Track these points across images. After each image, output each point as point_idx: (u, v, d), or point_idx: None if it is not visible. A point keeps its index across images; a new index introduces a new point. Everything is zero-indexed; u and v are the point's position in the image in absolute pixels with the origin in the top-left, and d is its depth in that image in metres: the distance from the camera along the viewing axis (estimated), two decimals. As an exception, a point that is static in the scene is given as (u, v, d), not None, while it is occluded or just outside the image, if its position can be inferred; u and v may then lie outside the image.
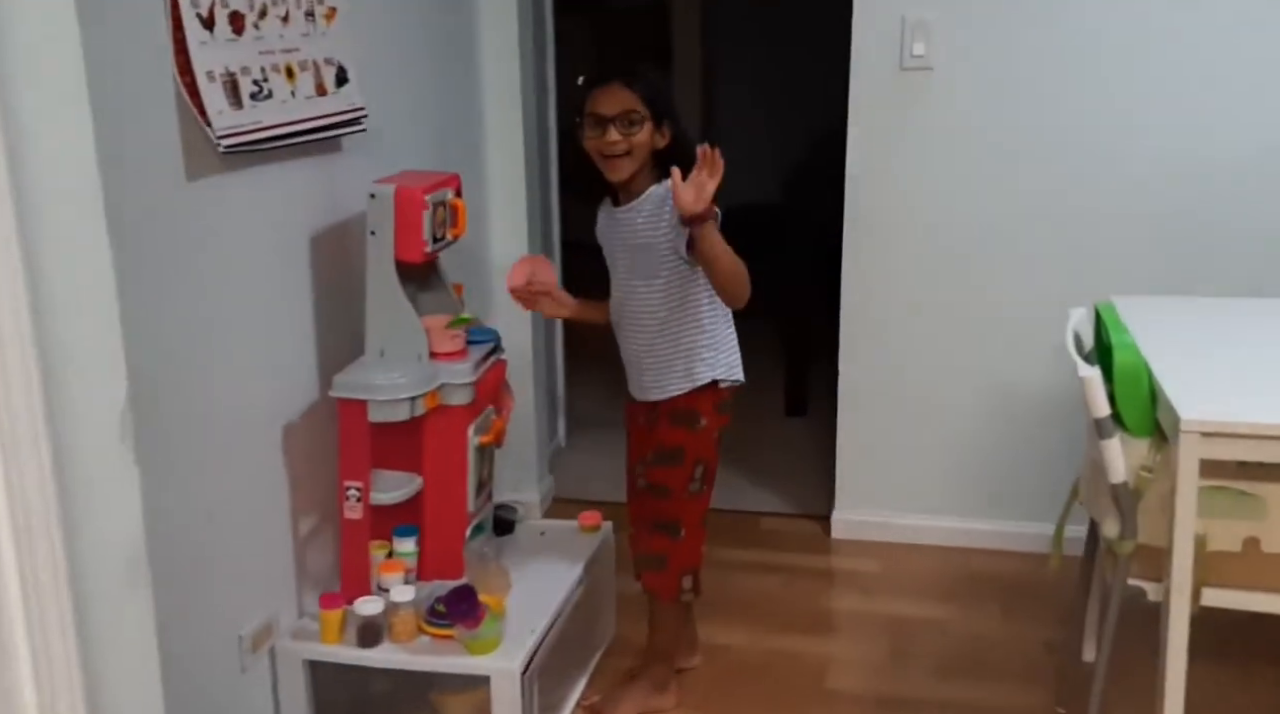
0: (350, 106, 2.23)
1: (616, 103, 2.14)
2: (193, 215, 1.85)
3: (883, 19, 2.85)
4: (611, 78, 2.16)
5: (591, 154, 2.20)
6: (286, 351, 2.16)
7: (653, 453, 2.33)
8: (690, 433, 2.31)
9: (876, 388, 3.12)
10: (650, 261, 2.22)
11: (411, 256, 2.17)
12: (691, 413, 2.31)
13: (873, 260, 3.02)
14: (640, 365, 2.32)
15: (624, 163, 2.17)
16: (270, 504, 2.14)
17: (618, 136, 2.13)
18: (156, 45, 1.75)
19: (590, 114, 2.16)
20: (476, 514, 2.36)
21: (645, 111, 2.15)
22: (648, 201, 2.21)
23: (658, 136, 2.18)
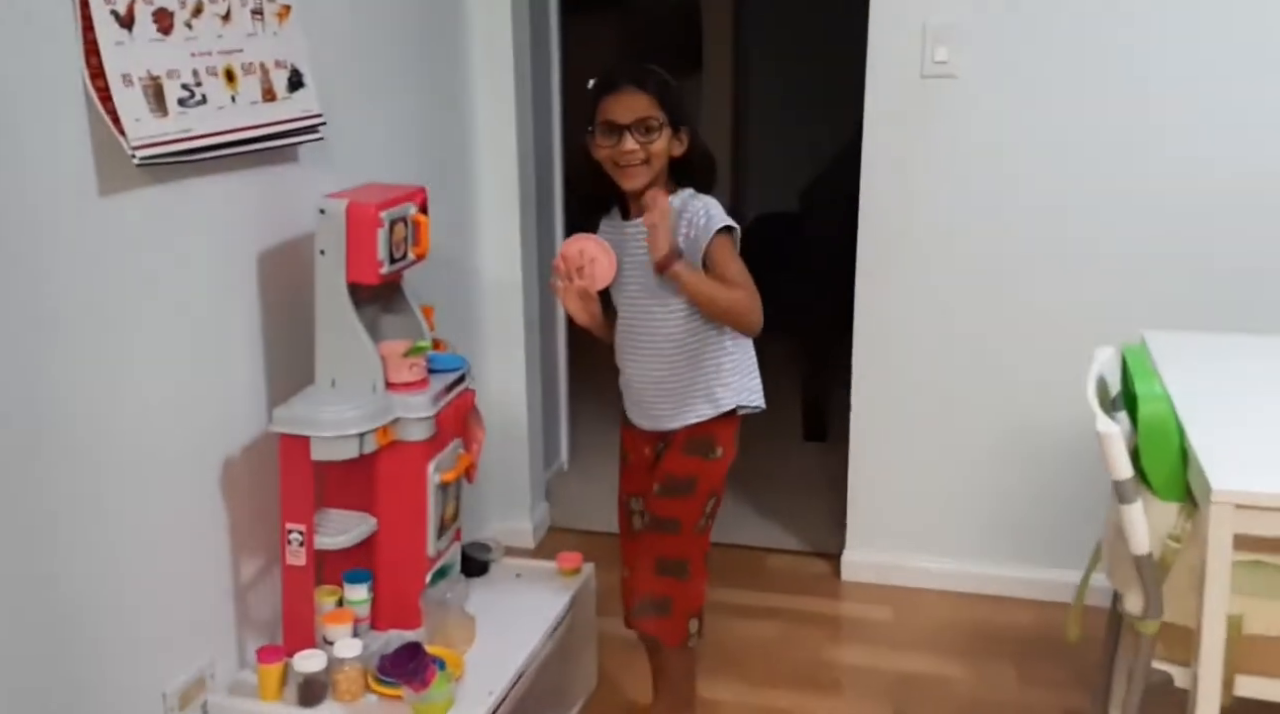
0: (304, 113, 2.05)
1: (632, 108, 1.98)
2: (107, 233, 1.68)
3: (903, 22, 2.62)
4: (625, 82, 2.00)
5: (604, 164, 2.03)
6: (227, 380, 1.98)
7: (660, 484, 2.13)
8: (705, 462, 2.13)
9: (891, 419, 2.89)
10: (667, 280, 2.02)
11: (365, 278, 1.98)
12: (708, 441, 2.12)
13: (888, 282, 2.79)
14: (654, 393, 2.13)
15: (641, 171, 2.00)
16: (206, 545, 1.96)
17: (634, 144, 1.97)
18: (64, 46, 1.58)
19: (603, 121, 2.00)
20: (439, 557, 2.17)
21: (662, 117, 1.99)
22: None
23: (675, 143, 2.03)
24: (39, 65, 1.55)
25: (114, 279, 1.71)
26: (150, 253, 1.78)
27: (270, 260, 2.05)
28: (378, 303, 2.19)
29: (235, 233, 1.97)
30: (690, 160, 2.06)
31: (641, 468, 2.21)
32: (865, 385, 2.89)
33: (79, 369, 1.66)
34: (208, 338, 1.93)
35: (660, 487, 2.13)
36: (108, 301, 1.70)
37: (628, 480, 2.26)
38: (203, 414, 1.93)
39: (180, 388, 1.87)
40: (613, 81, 2.01)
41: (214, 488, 1.96)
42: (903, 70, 2.64)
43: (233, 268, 1.98)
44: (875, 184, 2.73)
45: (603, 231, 2.15)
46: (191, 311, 1.88)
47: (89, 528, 1.71)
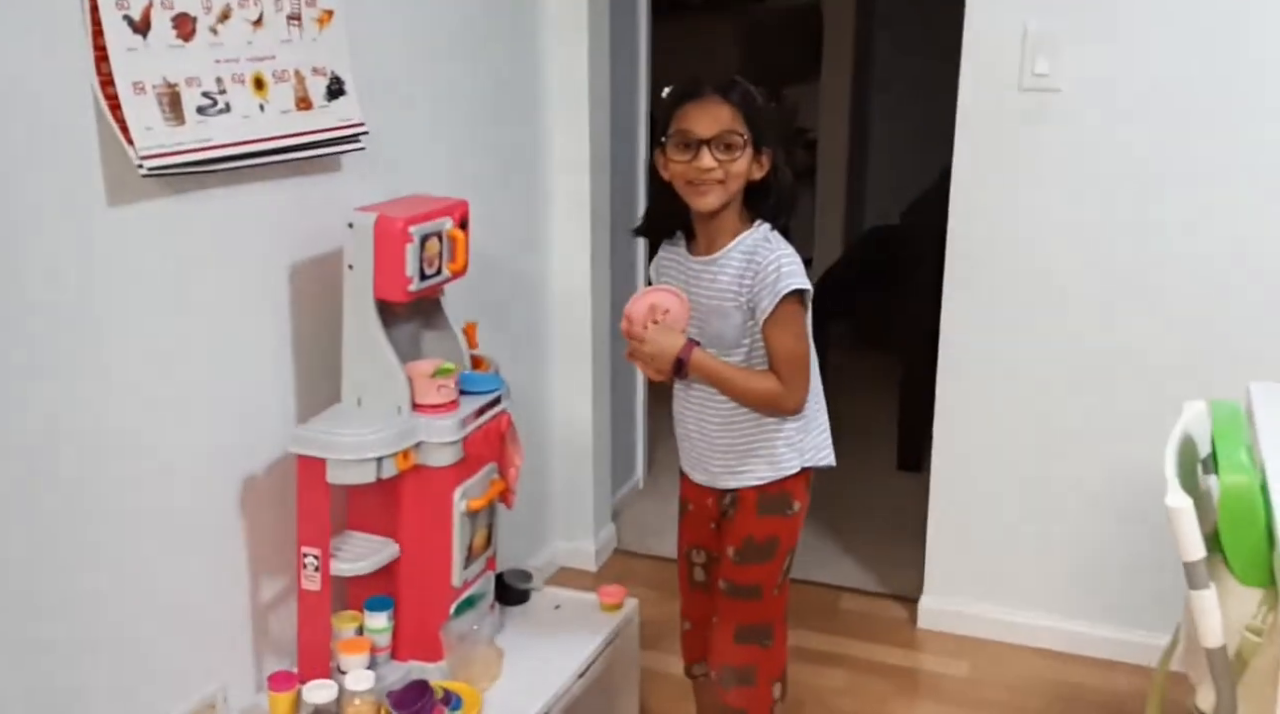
0: (343, 122, 1.98)
1: (714, 121, 1.79)
2: (116, 244, 1.63)
3: (1000, 29, 2.41)
4: (707, 90, 1.82)
5: (675, 181, 1.85)
6: (253, 396, 1.93)
7: (736, 549, 1.96)
8: (784, 520, 1.97)
9: (977, 456, 2.68)
10: (730, 328, 1.87)
11: (392, 295, 1.90)
12: (783, 497, 1.96)
13: (976, 310, 2.59)
14: (709, 447, 1.96)
15: (716, 192, 1.82)
16: (225, 565, 1.91)
17: (712, 161, 1.78)
18: (73, 52, 1.54)
19: (678, 132, 1.81)
20: (466, 587, 2.07)
21: (746, 134, 1.80)
22: (735, 253, 1.86)
23: (755, 165, 1.83)
24: (48, 73, 1.51)
25: (126, 291, 1.66)
26: (167, 264, 1.73)
27: (305, 273, 1.99)
28: (417, 319, 2.11)
29: (266, 244, 1.92)
30: (769, 187, 1.86)
31: (704, 519, 2.04)
32: (949, 418, 2.69)
33: (92, 381, 1.62)
34: (232, 351, 1.87)
35: (736, 552, 1.96)
36: (121, 313, 1.66)
37: (688, 531, 2.09)
38: (225, 430, 1.87)
39: (201, 402, 1.82)
40: (693, 89, 1.82)
41: (234, 506, 1.91)
42: (998, 82, 2.43)
43: (263, 280, 1.92)
44: (964, 207, 2.53)
45: (663, 261, 1.98)
46: (215, 324, 1.83)
47: (102, 544, 1.67)
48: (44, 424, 1.56)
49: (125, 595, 1.73)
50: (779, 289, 1.80)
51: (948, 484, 2.73)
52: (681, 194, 1.85)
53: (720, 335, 1.88)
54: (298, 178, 1.96)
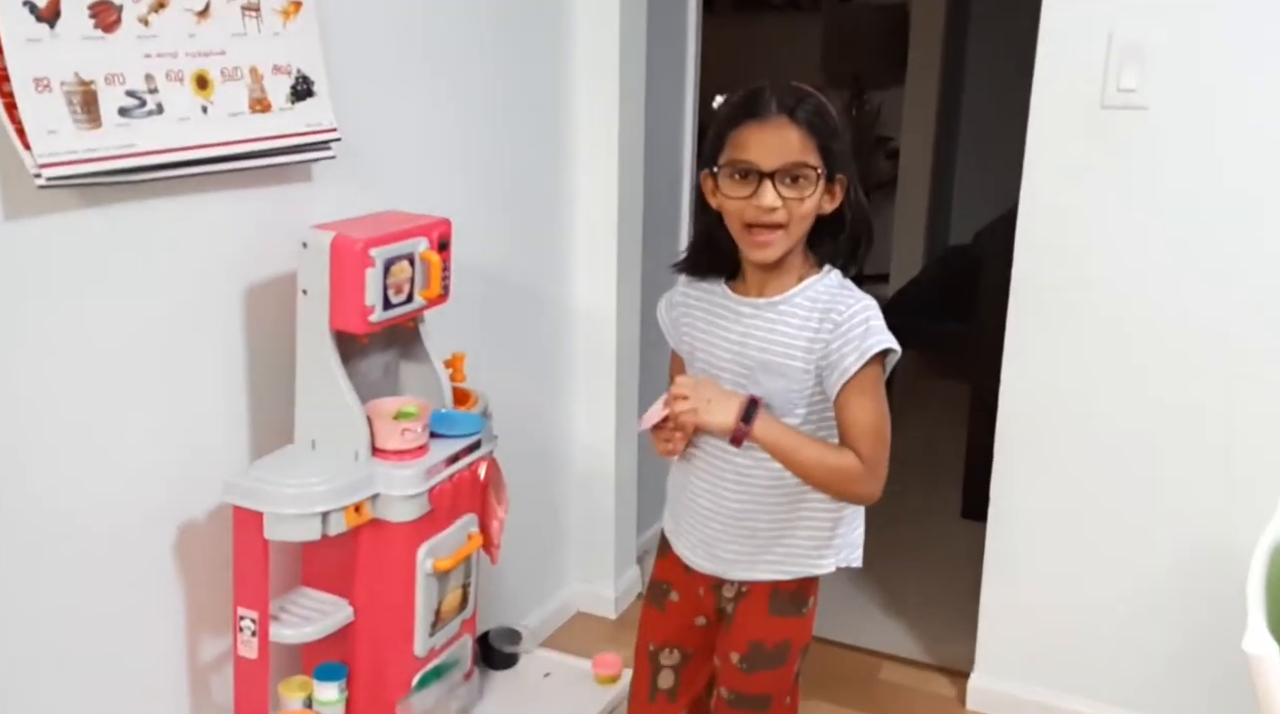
0: (310, 127, 1.75)
1: (781, 149, 1.44)
2: (15, 266, 1.42)
3: (1081, 36, 2.08)
4: (772, 109, 1.45)
5: (729, 220, 1.50)
6: (194, 434, 1.71)
7: (743, 655, 1.64)
8: (799, 620, 1.66)
9: (1040, 516, 2.35)
10: (784, 389, 1.53)
11: (350, 325, 1.67)
12: (799, 595, 1.65)
13: (1044, 350, 2.26)
14: (725, 529, 1.61)
15: (778, 240, 1.48)
16: (158, 622, 1.70)
17: (777, 200, 1.45)
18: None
19: (734, 162, 1.47)
20: (433, 656, 1.84)
21: (820, 165, 1.45)
22: (802, 298, 1.53)
23: (826, 198, 1.49)
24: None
25: (32, 317, 1.45)
26: (86, 286, 1.52)
27: (264, 295, 1.77)
28: (393, 349, 1.88)
29: (215, 263, 1.69)
30: (840, 222, 1.52)
31: (689, 611, 1.71)
32: (1008, 475, 2.36)
33: None
34: (169, 384, 1.66)
35: (743, 659, 1.64)
36: (25, 342, 1.45)
37: (662, 624, 1.73)
38: (159, 472, 1.66)
39: (132, 443, 1.61)
40: (753, 106, 1.45)
41: (171, 557, 1.70)
42: (1076, 98, 2.10)
43: (211, 303, 1.70)
44: (1033, 237, 2.20)
45: (686, 301, 1.64)
46: (146, 353, 1.61)
47: (15, 601, 1.47)
48: None
49: (44, 655, 1.53)
50: (867, 348, 1.47)
51: (1004, 548, 2.40)
52: (734, 236, 1.51)
53: (776, 392, 1.53)
54: (256, 189, 1.73)
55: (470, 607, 1.91)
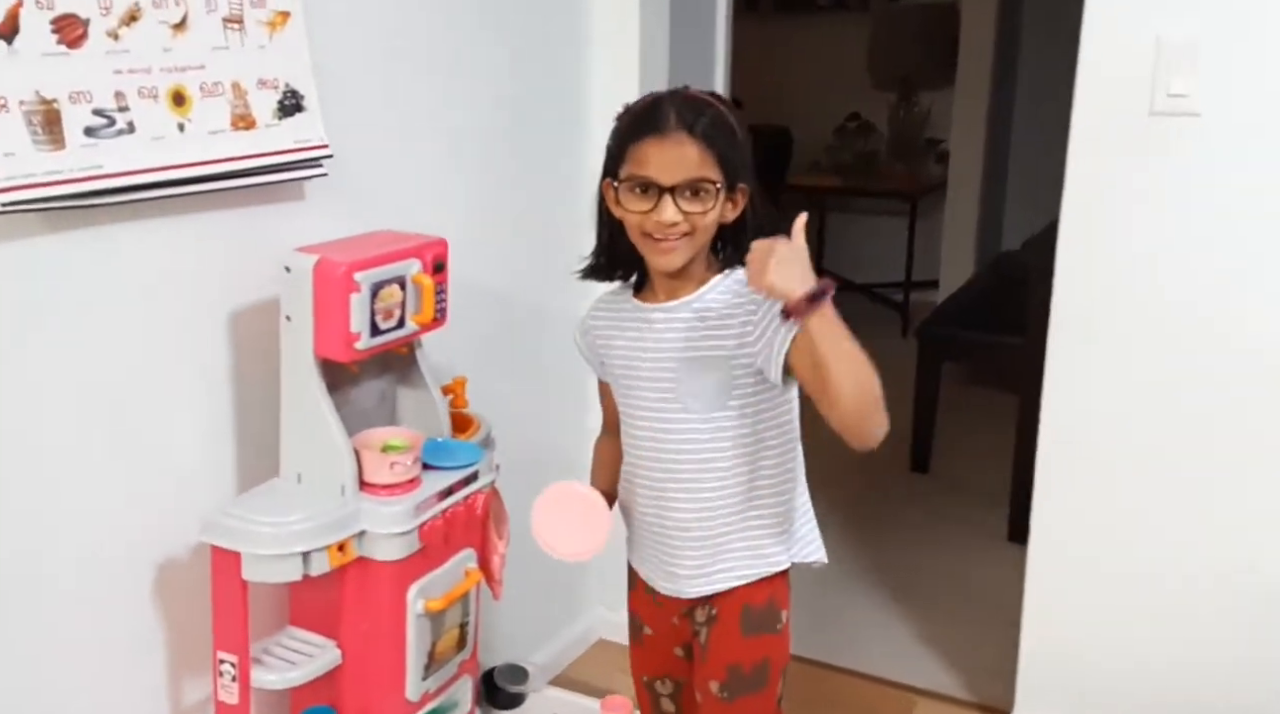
0: (299, 144, 1.67)
1: (679, 165, 1.43)
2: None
3: (1127, 39, 1.94)
4: (670, 124, 1.43)
5: (630, 231, 1.49)
6: (172, 468, 1.63)
7: (720, 682, 1.58)
8: (775, 638, 1.59)
9: (1083, 544, 2.20)
10: (713, 385, 1.50)
11: (334, 353, 1.58)
12: (770, 611, 1.58)
13: (1087, 376, 2.11)
14: (679, 542, 1.57)
15: (681, 248, 1.47)
16: (137, 665, 1.63)
17: (676, 215, 1.43)
18: (-86, 61, 1.26)
19: (634, 176, 1.45)
20: (427, 700, 1.74)
21: (720, 178, 1.44)
22: (713, 295, 1.51)
23: (728, 207, 1.48)
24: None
25: None
26: (50, 314, 1.44)
27: (251, 321, 1.69)
28: (389, 376, 1.79)
29: (196, 289, 1.62)
30: (744, 229, 1.49)
31: (666, 643, 1.67)
32: (1050, 496, 2.22)
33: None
34: (145, 414, 1.58)
35: (722, 686, 1.58)
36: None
37: (646, 659, 1.72)
38: (138, 507, 1.59)
39: (104, 476, 1.54)
40: (653, 121, 1.44)
41: (150, 596, 1.62)
42: (1123, 105, 1.95)
43: (190, 329, 1.63)
44: (1076, 248, 2.06)
45: (597, 321, 1.62)
46: (122, 382, 1.54)
47: None
48: None
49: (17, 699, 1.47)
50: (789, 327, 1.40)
51: (1046, 578, 2.26)
52: (637, 245, 1.50)
53: (705, 391, 1.50)
54: (242, 209, 1.65)
55: (469, 647, 1.82)
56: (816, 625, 2.75)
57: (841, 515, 3.34)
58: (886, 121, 5.54)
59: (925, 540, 3.25)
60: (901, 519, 3.41)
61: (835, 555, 3.05)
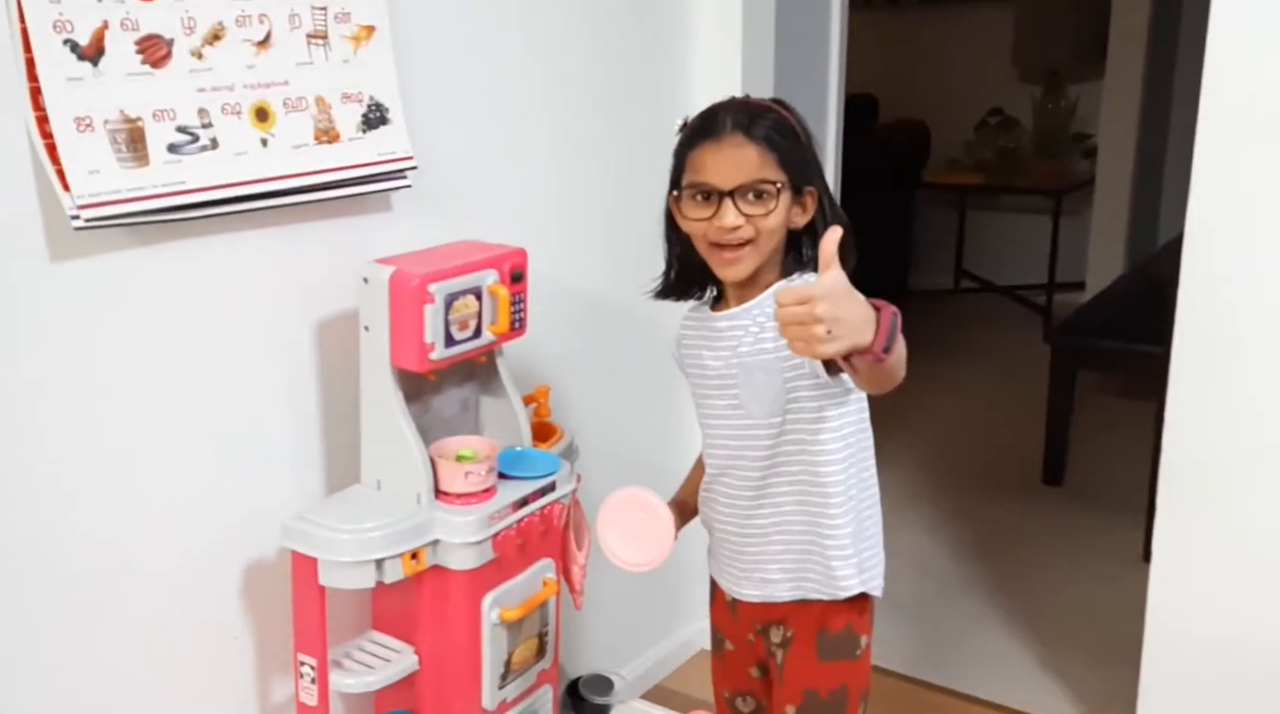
0: (384, 157, 1.69)
1: (736, 168, 1.41)
2: (63, 305, 1.42)
3: (1260, 32, 1.79)
4: (726, 128, 1.42)
5: (696, 242, 1.47)
6: (261, 470, 1.68)
7: (798, 706, 1.55)
8: (853, 664, 1.56)
9: (1208, 569, 2.05)
10: (772, 389, 1.47)
11: (409, 363, 1.60)
12: (849, 635, 1.55)
13: (1212, 384, 1.97)
14: (752, 550, 1.56)
15: (745, 256, 1.44)
16: (227, 663, 1.68)
17: (737, 218, 1.40)
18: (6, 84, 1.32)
19: (693, 183, 1.44)
20: (504, 709, 1.75)
21: (782, 178, 1.41)
22: (768, 298, 1.47)
23: (795, 211, 1.45)
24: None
25: (85, 361, 1.45)
26: (142, 324, 1.50)
27: (337, 330, 1.72)
28: (471, 384, 1.80)
29: (282, 298, 1.66)
30: (813, 234, 1.46)
31: (745, 661, 1.65)
32: (1174, 515, 2.08)
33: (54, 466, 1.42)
34: (236, 420, 1.63)
35: (798, 710, 1.55)
36: (82, 381, 1.45)
37: (727, 674, 1.70)
38: (226, 511, 1.64)
39: (193, 481, 1.59)
40: (709, 127, 1.43)
41: (237, 596, 1.67)
42: (1255, 103, 1.80)
43: (278, 338, 1.67)
44: (1201, 259, 1.92)
45: (685, 338, 1.60)
46: (210, 389, 1.59)
47: (68, 649, 1.49)
48: None
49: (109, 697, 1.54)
50: None
51: (1169, 599, 2.12)
52: (702, 254, 1.48)
53: (765, 394, 1.47)
54: (328, 221, 1.69)
55: (549, 656, 1.81)
56: (927, 642, 2.66)
57: (965, 526, 3.22)
58: (1030, 116, 5.31)
59: (1052, 557, 3.10)
60: (1029, 533, 3.26)
61: (957, 570, 2.99)
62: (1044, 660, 2.63)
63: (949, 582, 2.94)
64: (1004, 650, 2.67)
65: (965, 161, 5.41)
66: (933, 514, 3.26)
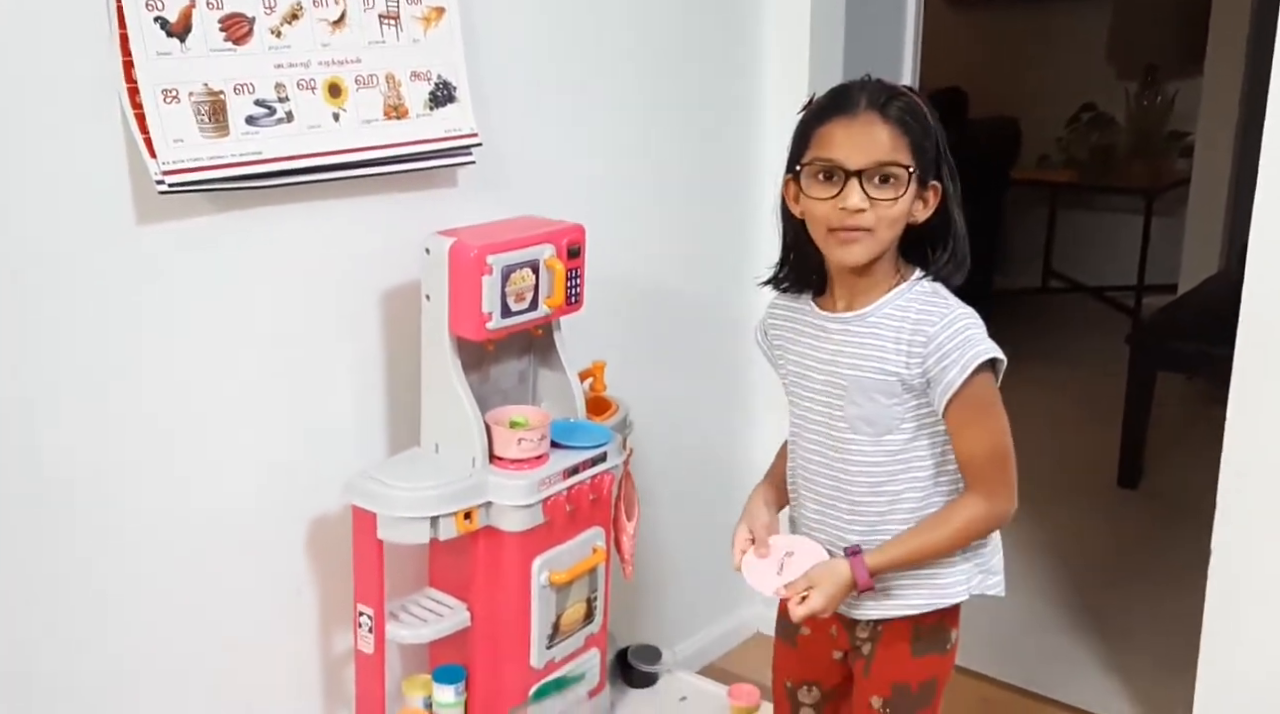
0: (449, 133, 1.77)
1: (869, 147, 1.35)
2: (147, 267, 1.52)
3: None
4: (861, 104, 1.36)
5: (811, 224, 1.41)
6: (327, 429, 1.76)
7: (885, 699, 1.52)
8: (943, 658, 1.54)
9: (1265, 576, 2.02)
10: (883, 406, 1.43)
11: (468, 332, 1.66)
12: (941, 630, 1.53)
13: (1274, 394, 1.94)
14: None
15: (865, 242, 1.37)
16: (289, 611, 1.78)
17: (863, 201, 1.35)
18: (102, 59, 1.42)
19: (818, 159, 1.37)
20: (552, 668, 1.81)
21: (912, 164, 1.36)
22: (890, 308, 1.42)
23: (918, 204, 1.39)
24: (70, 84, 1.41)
25: (166, 319, 1.55)
26: (218, 287, 1.60)
27: (402, 298, 1.80)
28: (530, 356, 1.87)
29: (350, 266, 1.74)
30: (936, 232, 1.42)
31: (823, 648, 1.59)
32: (1233, 524, 2.06)
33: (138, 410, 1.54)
34: (304, 382, 1.72)
35: (886, 703, 1.52)
36: (165, 342, 1.55)
37: (796, 662, 1.63)
38: (294, 468, 1.73)
39: (264, 440, 1.69)
40: (840, 102, 1.37)
41: (302, 550, 1.77)
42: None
43: (346, 303, 1.75)
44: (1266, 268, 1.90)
45: (775, 320, 1.56)
46: (282, 351, 1.69)
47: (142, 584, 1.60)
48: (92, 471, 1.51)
49: (184, 626, 1.65)
50: (969, 360, 1.36)
51: (1227, 605, 2.09)
52: (817, 240, 1.41)
53: (874, 410, 1.43)
54: (396, 194, 1.77)
55: (597, 620, 1.87)
56: (996, 643, 2.64)
57: (1037, 525, 3.17)
58: (1125, 113, 5.20)
59: (1121, 560, 3.05)
60: (1099, 535, 3.21)
61: (1026, 570, 2.97)
62: (1107, 663, 2.59)
63: (1016, 578, 2.89)
64: (1066, 650, 2.65)
65: (1056, 159, 5.32)
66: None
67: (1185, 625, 2.64)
